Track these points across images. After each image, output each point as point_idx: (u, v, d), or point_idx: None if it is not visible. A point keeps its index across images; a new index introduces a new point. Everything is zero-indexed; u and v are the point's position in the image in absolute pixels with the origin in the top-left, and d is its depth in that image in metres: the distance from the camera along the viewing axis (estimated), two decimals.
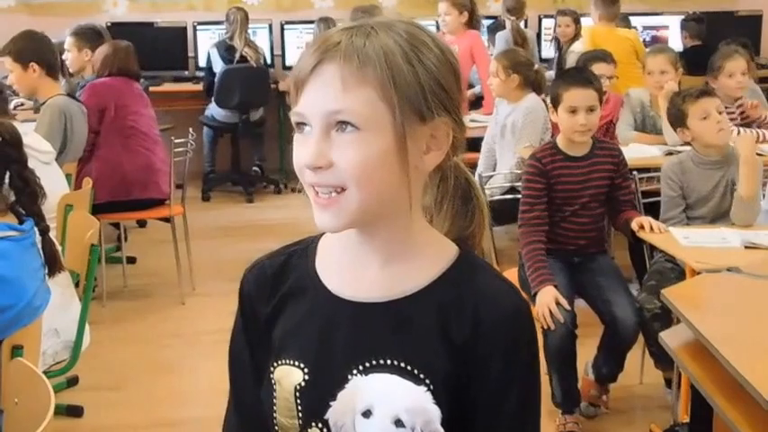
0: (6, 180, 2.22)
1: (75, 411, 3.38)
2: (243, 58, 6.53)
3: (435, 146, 1.09)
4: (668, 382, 3.36)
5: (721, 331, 2.23)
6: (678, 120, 3.41)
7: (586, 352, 3.28)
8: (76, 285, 3.05)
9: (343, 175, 1.04)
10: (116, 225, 5.19)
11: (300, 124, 1.07)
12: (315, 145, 1.05)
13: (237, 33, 6.53)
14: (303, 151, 1.06)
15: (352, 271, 1.13)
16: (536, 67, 4.61)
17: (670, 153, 4.04)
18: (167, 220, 4.75)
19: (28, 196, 2.20)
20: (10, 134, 2.16)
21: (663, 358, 3.11)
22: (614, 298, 3.15)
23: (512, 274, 3.55)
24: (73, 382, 3.59)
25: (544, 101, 4.63)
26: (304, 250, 1.18)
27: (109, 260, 4.93)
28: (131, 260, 5.18)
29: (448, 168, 1.16)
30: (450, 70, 1.09)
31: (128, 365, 3.85)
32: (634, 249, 3.96)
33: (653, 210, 3.55)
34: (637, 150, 4.16)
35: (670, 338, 2.48)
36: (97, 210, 4.31)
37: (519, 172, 4.34)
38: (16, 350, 2.14)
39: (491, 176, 4.37)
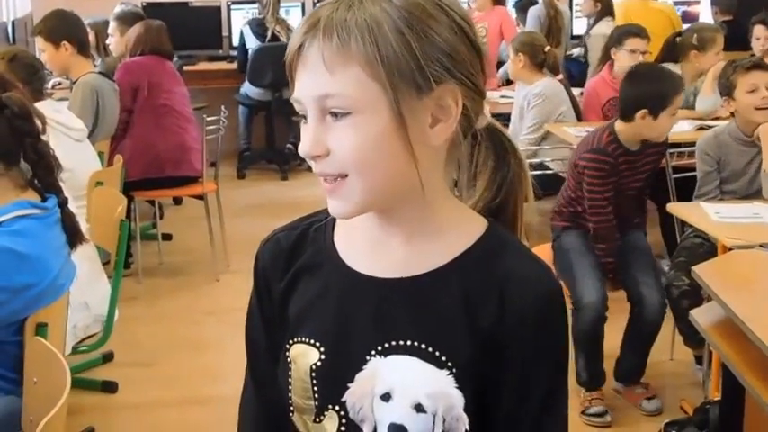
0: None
1: (109, 387, 3.43)
2: (275, 37, 6.55)
3: (443, 116, 1.00)
4: (698, 359, 3.34)
5: (753, 309, 2.19)
6: (725, 89, 3.36)
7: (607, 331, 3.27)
8: (105, 263, 3.09)
9: (342, 162, 0.98)
10: (152, 202, 5.25)
11: (303, 116, 1.01)
12: (311, 133, 0.99)
13: (270, 12, 6.55)
14: (302, 141, 1.01)
15: (373, 246, 1.07)
16: (547, 48, 4.58)
17: (701, 128, 3.99)
18: (201, 197, 4.79)
19: (44, 169, 2.19)
20: (19, 107, 2.14)
21: (692, 336, 3.08)
22: (643, 278, 3.13)
23: (543, 250, 3.53)
24: (108, 357, 3.64)
25: (562, 82, 4.62)
26: (323, 222, 1.11)
27: (145, 237, 4.99)
28: (167, 237, 5.23)
29: (480, 135, 1.08)
30: (458, 33, 1.00)
31: (163, 342, 3.89)
32: (665, 225, 3.94)
33: (684, 185, 3.52)
34: None
35: (701, 316, 2.45)
36: (131, 187, 4.37)
37: (534, 148, 4.34)
38: (40, 328, 2.14)
39: None
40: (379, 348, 1.04)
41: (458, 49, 1.00)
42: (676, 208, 3.25)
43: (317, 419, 1.07)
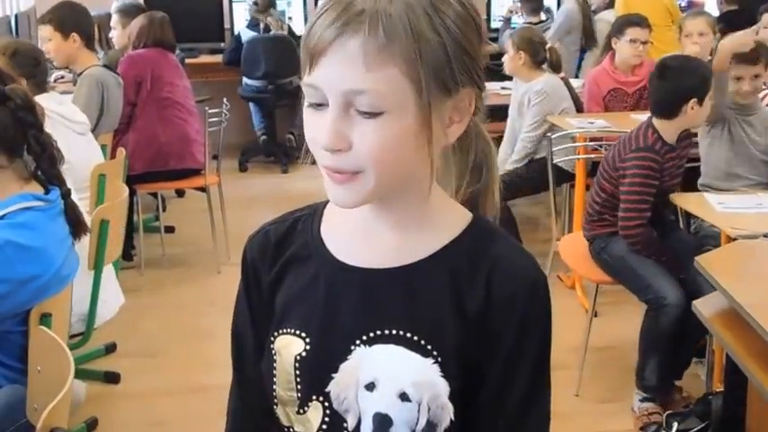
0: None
1: (112, 378, 3.44)
2: (267, 28, 6.59)
3: (458, 117, 1.01)
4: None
5: (757, 299, 2.18)
6: None
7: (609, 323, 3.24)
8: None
9: (361, 159, 0.96)
10: (154, 195, 5.25)
11: (314, 104, 0.98)
12: (332, 125, 0.95)
13: (259, 8, 6.61)
14: (319, 131, 0.97)
15: (360, 237, 1.06)
16: (548, 46, 4.57)
17: None
18: (203, 189, 4.80)
19: (47, 160, 2.19)
20: (22, 99, 2.14)
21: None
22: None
23: (572, 239, 3.55)
24: (111, 348, 3.66)
25: (564, 79, 4.60)
26: (310, 215, 1.11)
27: (147, 230, 5.00)
28: (170, 229, 5.25)
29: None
30: (474, 30, 0.99)
31: (164, 333, 3.91)
32: None
33: (691, 174, 3.52)
34: None
35: (704, 306, 2.45)
36: (135, 180, 4.38)
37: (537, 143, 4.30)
38: (45, 318, 2.15)
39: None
40: (364, 338, 1.03)
41: (475, 49, 0.99)
42: (680, 198, 3.24)
43: (301, 411, 1.07)
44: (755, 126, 3.48)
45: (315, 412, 1.06)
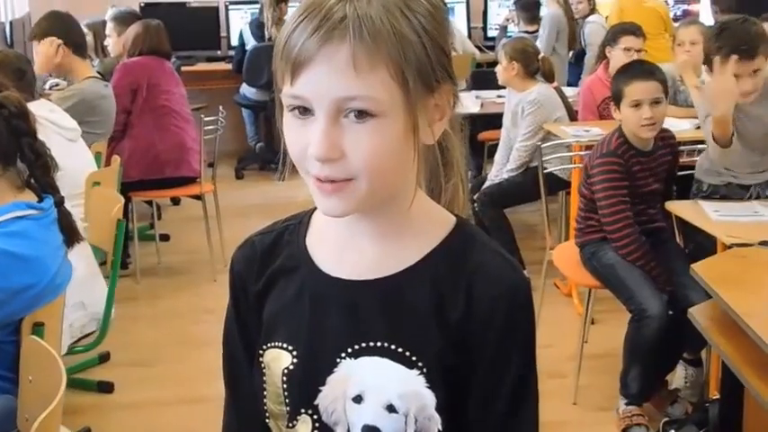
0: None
1: (105, 387, 3.42)
2: (270, 39, 6.59)
3: (439, 114, 1.00)
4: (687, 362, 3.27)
5: (752, 307, 2.18)
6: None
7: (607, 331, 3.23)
8: (102, 264, 3.07)
9: (355, 167, 0.95)
10: (149, 203, 5.25)
11: (300, 107, 0.96)
12: (324, 135, 0.94)
13: (269, 11, 6.56)
14: (308, 141, 0.95)
15: (344, 248, 1.05)
16: (541, 56, 4.58)
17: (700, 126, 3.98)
18: (199, 197, 4.79)
19: (41, 168, 2.19)
20: (16, 107, 2.14)
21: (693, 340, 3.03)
22: (688, 281, 2.90)
23: (566, 247, 3.53)
24: (104, 358, 3.64)
25: (557, 89, 4.61)
26: (296, 226, 1.10)
27: (143, 238, 4.99)
28: (165, 238, 5.24)
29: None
30: (445, 25, 0.99)
31: (160, 342, 3.89)
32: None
33: (684, 182, 3.50)
34: (667, 125, 4.08)
35: (700, 314, 2.44)
36: (129, 188, 4.36)
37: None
38: (37, 327, 2.14)
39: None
40: (350, 350, 1.03)
41: (447, 44, 1.00)
42: (675, 206, 3.24)
43: (291, 424, 1.06)
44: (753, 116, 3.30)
45: (304, 425, 1.06)
